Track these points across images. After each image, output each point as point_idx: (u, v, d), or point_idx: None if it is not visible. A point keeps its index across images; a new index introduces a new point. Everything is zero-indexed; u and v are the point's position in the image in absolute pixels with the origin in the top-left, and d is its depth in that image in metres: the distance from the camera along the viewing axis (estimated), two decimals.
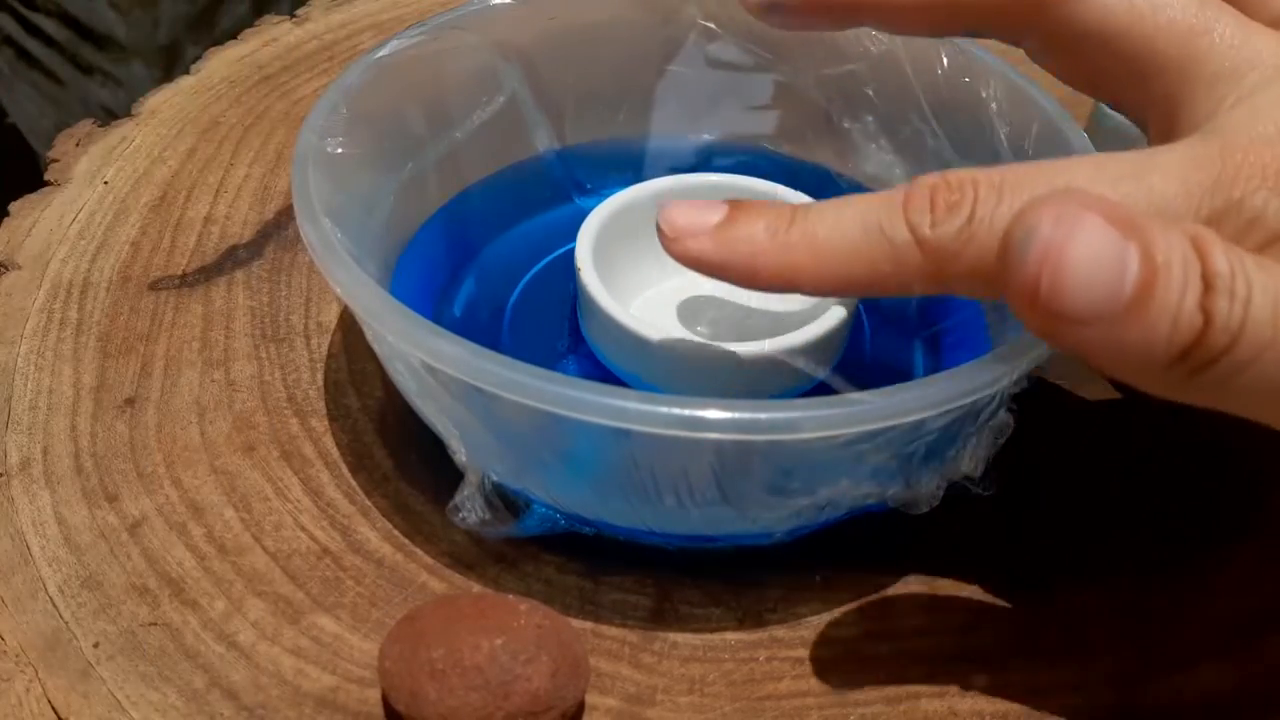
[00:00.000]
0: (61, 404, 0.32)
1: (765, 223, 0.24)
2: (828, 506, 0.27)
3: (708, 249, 0.24)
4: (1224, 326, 0.19)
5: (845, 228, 0.23)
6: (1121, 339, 0.19)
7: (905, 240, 0.22)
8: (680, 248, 0.24)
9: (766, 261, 0.23)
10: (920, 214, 0.22)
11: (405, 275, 0.33)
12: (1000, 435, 0.28)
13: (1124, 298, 0.19)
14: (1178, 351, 0.19)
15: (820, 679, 0.27)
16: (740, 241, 0.24)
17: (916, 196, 0.22)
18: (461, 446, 0.27)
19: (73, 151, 0.41)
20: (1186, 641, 0.28)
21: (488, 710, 0.23)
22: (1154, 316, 0.19)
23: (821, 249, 0.23)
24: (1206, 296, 0.19)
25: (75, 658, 0.27)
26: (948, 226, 0.22)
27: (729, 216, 0.24)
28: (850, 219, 0.23)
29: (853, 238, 0.23)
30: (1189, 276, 0.19)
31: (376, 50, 0.33)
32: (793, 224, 0.23)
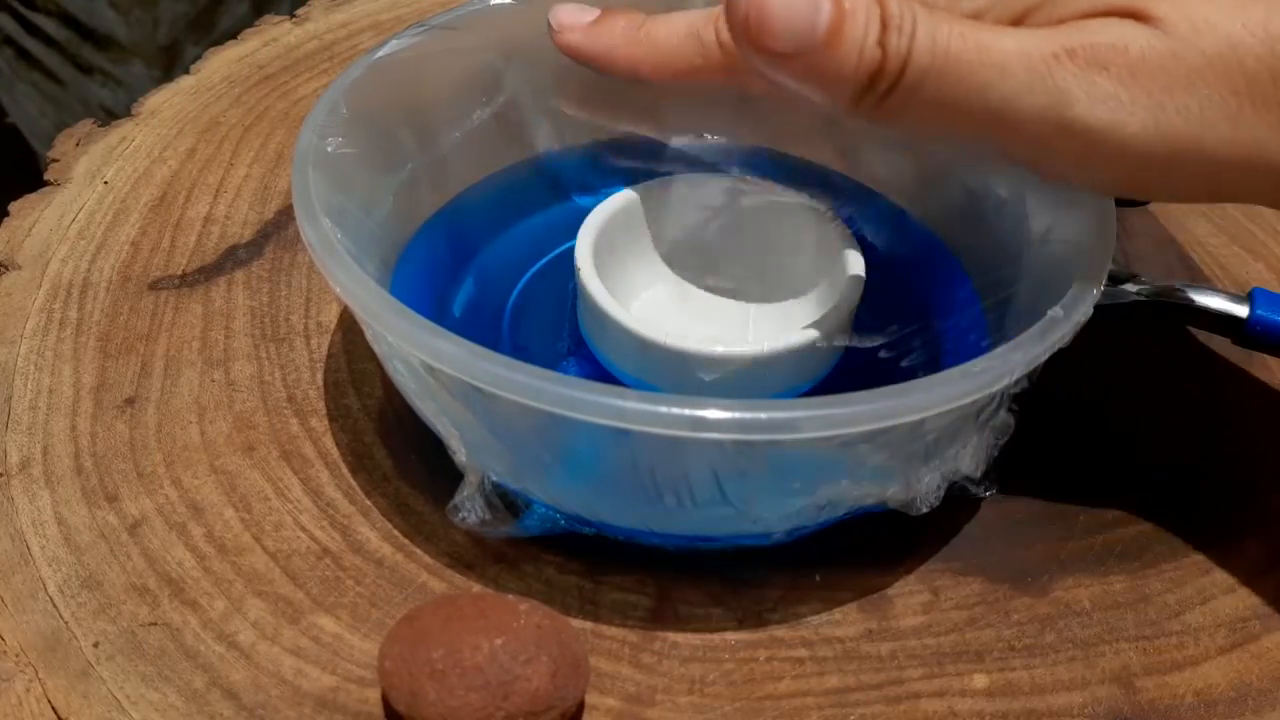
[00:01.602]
0: (61, 404, 0.32)
1: (625, 23, 0.31)
2: (828, 506, 0.27)
3: (580, 40, 0.31)
4: (895, 55, 0.23)
5: (676, 30, 0.30)
6: (820, 69, 0.24)
7: (711, 41, 0.29)
8: (561, 39, 0.31)
9: (620, 53, 0.30)
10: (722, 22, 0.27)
11: (405, 275, 0.33)
12: (1000, 435, 0.28)
13: (819, 34, 0.23)
14: (865, 80, 0.24)
15: (820, 679, 0.27)
16: (603, 35, 0.31)
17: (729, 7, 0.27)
18: (461, 446, 0.27)
19: (73, 151, 0.41)
20: (1186, 641, 0.28)
21: (488, 710, 0.23)
22: (844, 51, 0.23)
23: (658, 44, 0.30)
24: (883, 34, 0.23)
25: (75, 658, 0.27)
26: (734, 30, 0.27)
27: (600, 17, 0.31)
28: (680, 24, 0.30)
29: (679, 38, 0.30)
30: (870, 19, 0.23)
31: (376, 50, 0.33)
32: (643, 25, 0.30)
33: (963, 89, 0.24)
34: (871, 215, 0.37)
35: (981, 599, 0.29)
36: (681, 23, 0.30)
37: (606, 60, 0.31)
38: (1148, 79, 0.24)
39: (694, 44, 0.30)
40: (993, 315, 0.32)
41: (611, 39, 0.31)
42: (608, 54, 0.31)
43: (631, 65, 0.31)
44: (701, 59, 0.30)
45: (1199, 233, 0.40)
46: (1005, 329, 0.31)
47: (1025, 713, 0.27)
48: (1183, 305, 0.37)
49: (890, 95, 0.24)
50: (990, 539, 0.30)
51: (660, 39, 0.30)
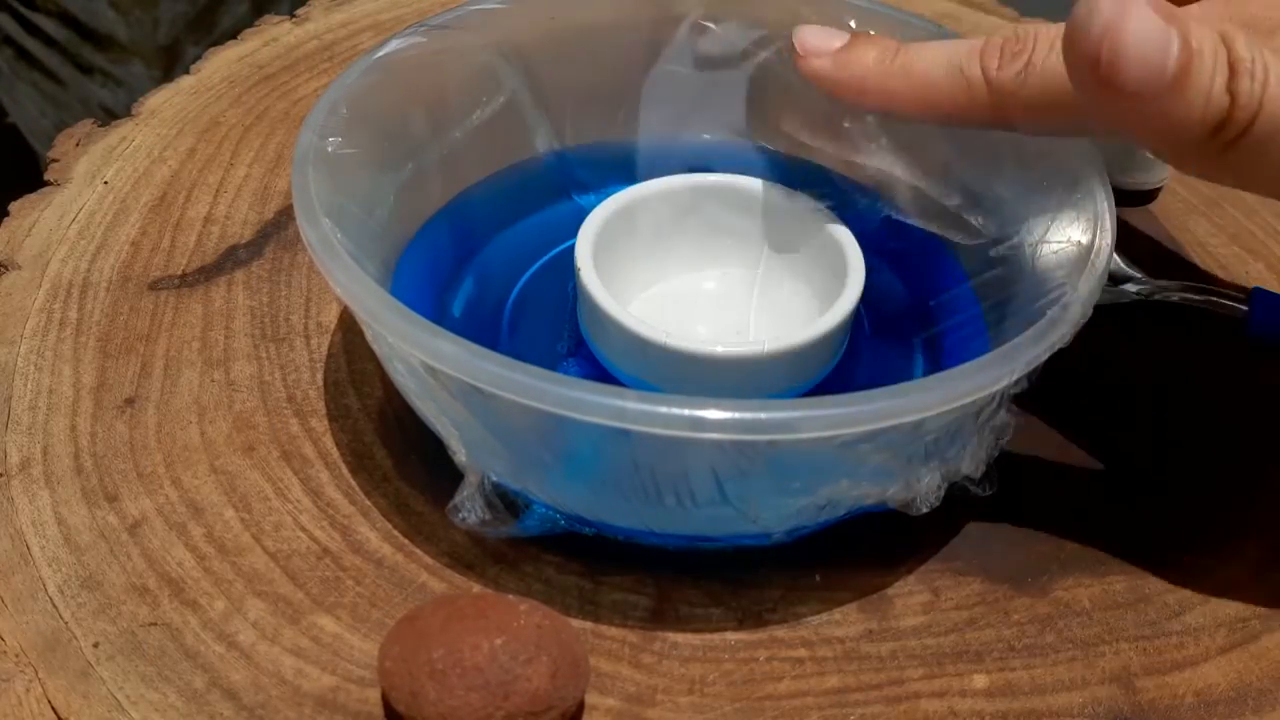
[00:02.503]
0: (61, 404, 0.32)
1: (877, 52, 0.29)
2: (828, 506, 0.27)
3: (827, 68, 0.29)
4: (1246, 104, 0.22)
5: (935, 63, 0.28)
6: (1165, 113, 0.22)
7: (976, 78, 0.27)
8: (806, 65, 0.30)
9: (870, 84, 0.29)
10: (990, 58, 0.27)
11: (405, 275, 0.33)
12: (1000, 435, 0.28)
13: (1168, 74, 0.21)
14: (1210, 127, 0.22)
15: (820, 679, 0.27)
16: (854, 64, 0.29)
17: (991, 44, 0.27)
18: (461, 446, 0.27)
19: (73, 151, 0.41)
20: (1186, 641, 0.28)
21: (488, 710, 0.23)
22: (1191, 94, 0.22)
23: (915, 78, 0.28)
24: (1232, 79, 0.22)
25: (75, 658, 0.27)
26: (1010, 69, 0.27)
27: (850, 43, 0.29)
28: (940, 57, 0.28)
29: (938, 73, 0.28)
30: (1218, 61, 0.22)
31: (376, 50, 0.33)
32: (897, 56, 0.29)
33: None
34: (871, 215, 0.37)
35: (981, 599, 0.29)
36: (941, 55, 0.28)
37: (855, 92, 0.29)
38: None
39: (957, 81, 0.28)
40: (993, 315, 0.32)
41: (863, 69, 0.29)
42: (857, 85, 0.29)
43: (884, 99, 0.29)
44: (966, 97, 0.27)
45: (1199, 233, 0.40)
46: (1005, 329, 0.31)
47: (1025, 713, 0.27)
48: (1183, 305, 0.37)
49: (1234, 147, 0.22)
50: (990, 539, 0.30)
51: (918, 72, 0.28)
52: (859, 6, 0.36)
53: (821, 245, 0.33)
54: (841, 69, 0.29)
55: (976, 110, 0.28)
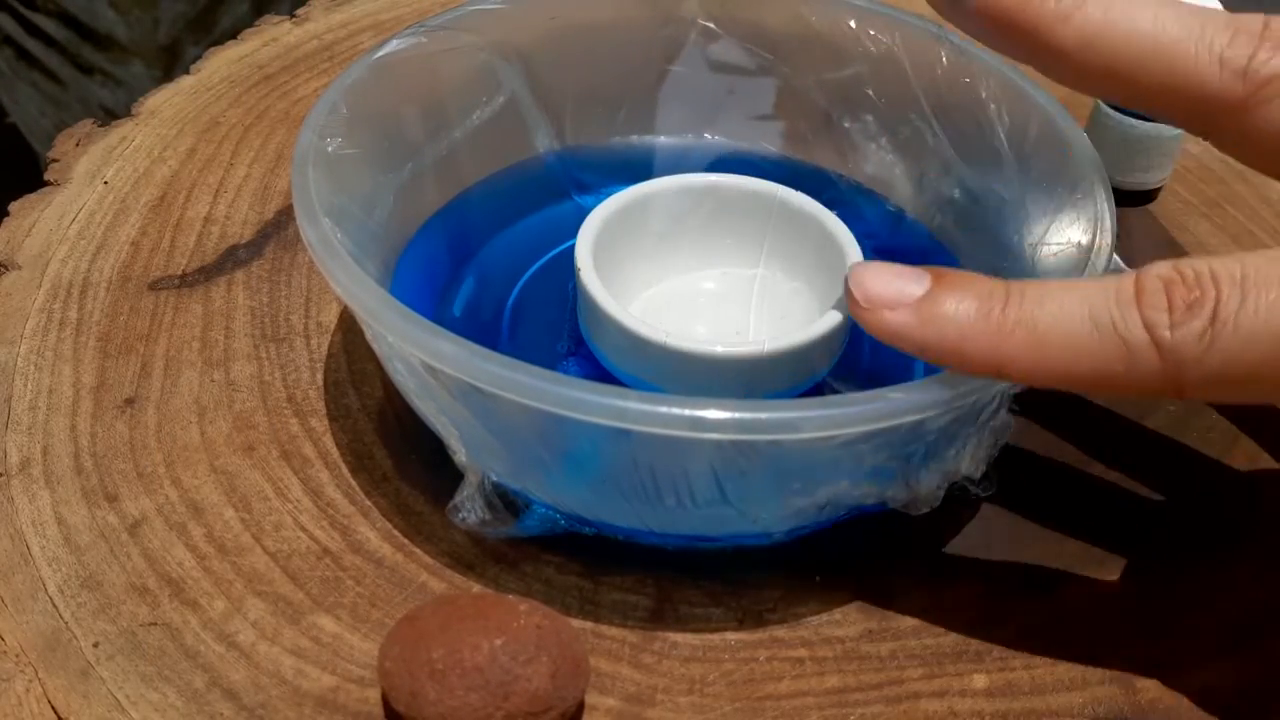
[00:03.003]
0: (61, 404, 0.32)
1: (977, 302, 0.22)
2: (828, 506, 0.27)
3: (910, 325, 0.22)
4: None
5: (1070, 318, 0.21)
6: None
7: (1141, 341, 0.21)
8: (876, 319, 0.22)
9: (977, 347, 0.22)
10: (1157, 312, 0.21)
11: (405, 275, 0.33)
12: (1000, 435, 0.28)
13: None
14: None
15: (820, 679, 0.27)
16: (948, 321, 0.22)
17: (1150, 291, 0.21)
18: (461, 446, 0.27)
19: (73, 151, 0.41)
20: (1186, 641, 0.28)
21: (488, 710, 0.23)
22: None
23: (1043, 339, 0.21)
24: None
25: (75, 658, 0.27)
26: (1188, 329, 0.20)
27: (934, 290, 0.22)
28: (1075, 309, 0.21)
29: (1079, 331, 0.21)
30: None
31: (376, 50, 0.33)
32: (1008, 306, 0.22)
33: None
34: (871, 215, 0.37)
35: (981, 599, 0.29)
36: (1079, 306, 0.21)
37: (954, 356, 0.22)
38: None
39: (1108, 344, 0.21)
40: None
41: (960, 327, 0.22)
42: (955, 348, 0.22)
43: (996, 363, 0.22)
44: (1124, 366, 0.21)
45: (1199, 233, 0.40)
46: None
47: (1025, 713, 0.27)
48: None
49: None
50: (990, 539, 0.30)
51: (1045, 331, 0.21)
52: (859, 6, 0.36)
53: (821, 245, 0.33)
54: (930, 327, 0.22)
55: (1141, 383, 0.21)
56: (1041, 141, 0.31)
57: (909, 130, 0.36)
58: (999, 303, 0.22)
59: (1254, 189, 0.42)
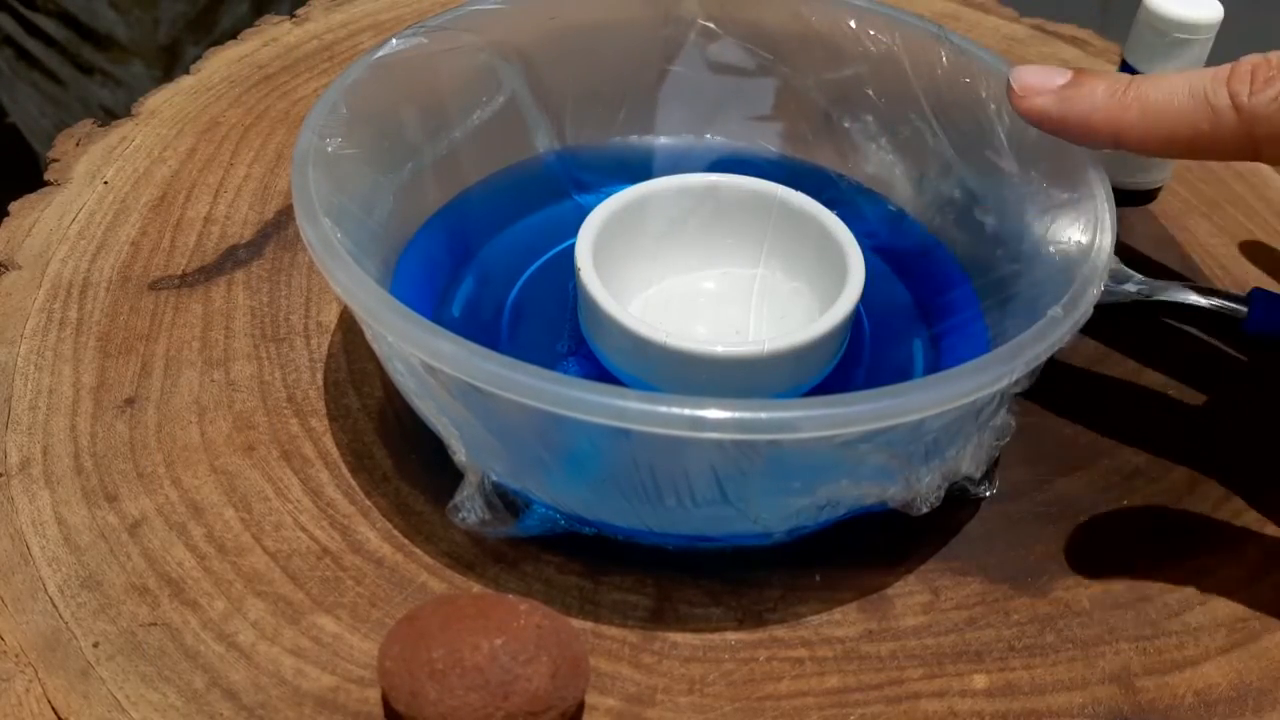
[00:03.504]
0: (61, 404, 0.32)
1: (1105, 85, 0.27)
2: (828, 506, 0.27)
3: (1050, 105, 0.28)
4: None
5: (1174, 92, 0.26)
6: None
7: (1225, 105, 0.26)
8: (1027, 104, 0.28)
9: (1101, 117, 0.27)
10: (1241, 83, 0.26)
11: (405, 275, 0.33)
12: (1000, 435, 0.28)
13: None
14: None
15: (820, 679, 0.27)
16: (1081, 99, 0.28)
17: (1240, 70, 0.26)
18: (461, 446, 0.27)
19: (73, 151, 0.41)
20: (1186, 641, 0.28)
21: (488, 710, 0.23)
22: None
23: (1151, 108, 0.27)
24: None
25: (75, 658, 0.27)
26: (1263, 95, 0.25)
27: (1074, 79, 0.28)
28: (1179, 85, 0.26)
29: (1180, 101, 0.26)
30: None
31: (376, 50, 0.33)
32: (1130, 87, 0.27)
33: None
34: (871, 215, 0.37)
35: (981, 599, 0.29)
36: (1181, 82, 0.27)
37: (1082, 127, 0.28)
38: None
39: (1200, 108, 0.26)
40: (993, 315, 0.32)
41: (1091, 102, 0.28)
42: (1084, 119, 0.28)
43: (1115, 130, 0.27)
44: (1211, 125, 0.26)
45: (1199, 233, 0.40)
46: (1005, 329, 0.31)
47: (1025, 713, 0.27)
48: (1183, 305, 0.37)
49: None
50: (990, 539, 0.30)
51: (1154, 102, 0.27)
52: (859, 6, 0.36)
53: (821, 245, 0.33)
54: (1067, 104, 0.28)
55: (1222, 140, 0.26)
56: (1041, 141, 0.31)
57: (909, 130, 0.36)
58: (1122, 85, 0.27)
59: (1253, 189, 0.42)
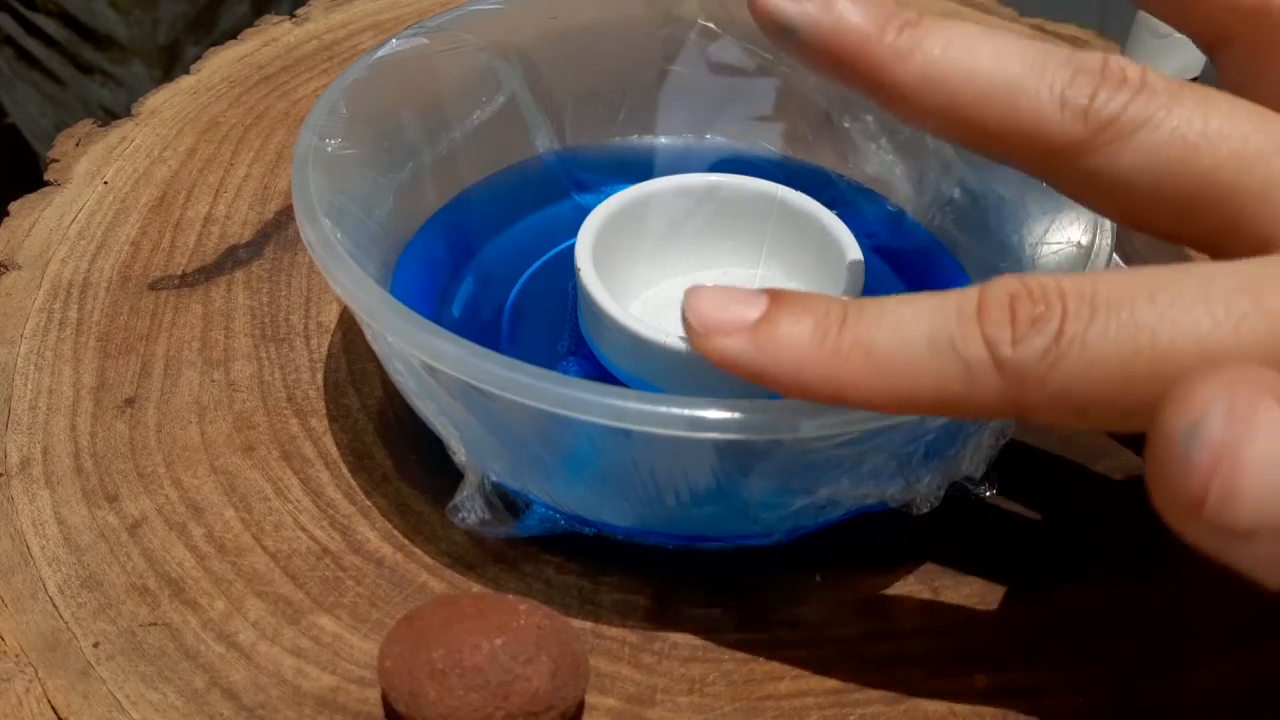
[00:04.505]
0: (61, 404, 0.32)
1: (813, 323, 0.20)
2: (828, 506, 0.27)
3: (745, 351, 0.21)
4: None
5: (908, 338, 0.20)
6: None
7: (981, 359, 0.19)
8: (712, 345, 0.21)
9: (814, 373, 0.20)
10: (999, 328, 0.19)
11: (405, 275, 0.33)
12: (1000, 435, 0.28)
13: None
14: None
15: (820, 679, 0.27)
16: (784, 345, 0.21)
17: (993, 307, 0.20)
18: (461, 446, 0.27)
19: (73, 151, 0.41)
20: (1186, 641, 0.28)
21: (488, 710, 0.23)
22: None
23: (881, 362, 0.20)
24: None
25: (75, 658, 0.27)
26: (1031, 346, 0.19)
27: (770, 313, 0.21)
28: (914, 328, 0.20)
29: (917, 351, 0.20)
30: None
31: (376, 50, 0.33)
32: (845, 326, 0.20)
33: None
34: (871, 215, 0.37)
35: (981, 599, 0.29)
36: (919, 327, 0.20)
37: (791, 383, 0.21)
38: None
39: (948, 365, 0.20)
40: None
41: (797, 352, 0.20)
42: (792, 375, 0.21)
43: (835, 389, 0.20)
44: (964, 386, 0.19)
45: None
46: None
47: (1025, 712, 0.27)
48: None
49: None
50: (990, 539, 0.30)
51: (884, 353, 0.20)
52: None
53: (821, 245, 0.33)
54: (766, 351, 0.21)
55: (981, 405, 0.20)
56: None
57: (909, 130, 0.36)
58: (835, 324, 0.20)
59: None
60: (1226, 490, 0.15)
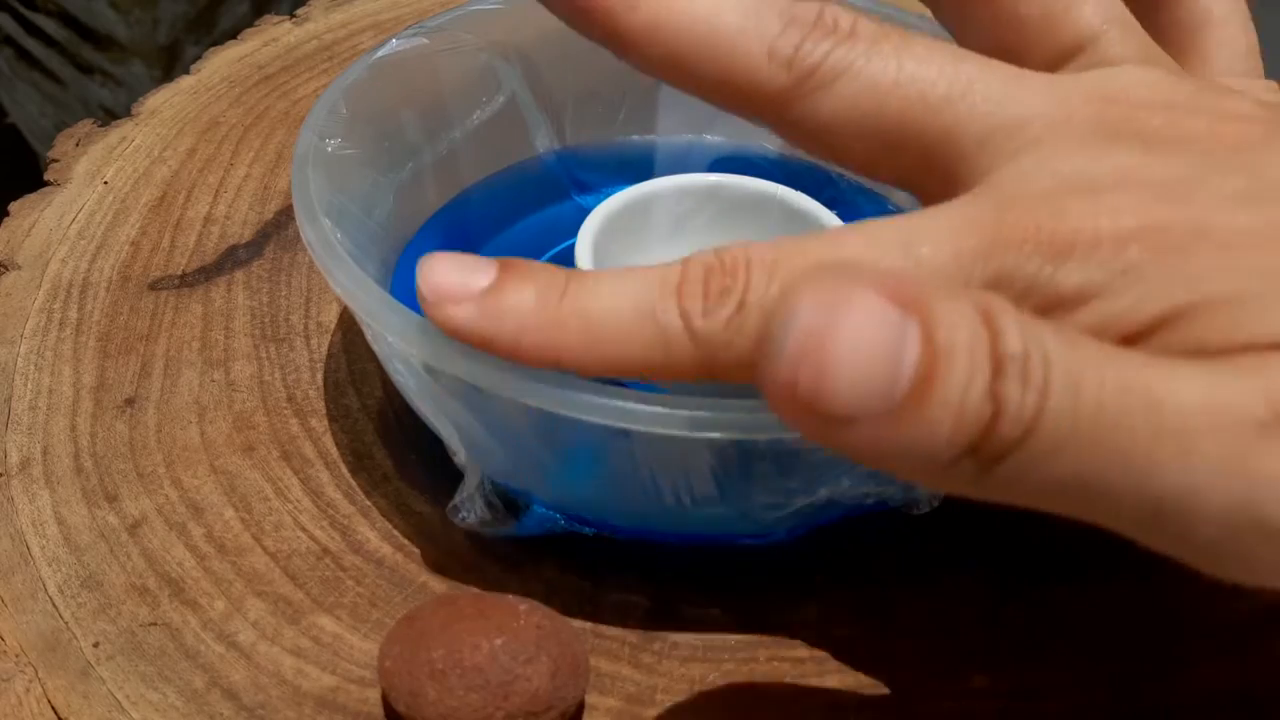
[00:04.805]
0: (61, 404, 0.32)
1: (536, 292, 0.21)
2: (827, 506, 0.27)
3: (472, 318, 0.21)
4: (1016, 417, 0.16)
5: (619, 307, 0.21)
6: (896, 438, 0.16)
7: (676, 328, 0.20)
8: (441, 313, 0.21)
9: (534, 340, 0.21)
10: (693, 300, 0.20)
11: (405, 275, 0.33)
12: None
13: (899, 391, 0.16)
14: (961, 448, 0.16)
15: (820, 679, 0.27)
16: (507, 313, 0.21)
17: (691, 280, 0.20)
18: (461, 446, 0.27)
19: (73, 151, 0.41)
20: (1186, 641, 0.28)
21: (488, 710, 0.23)
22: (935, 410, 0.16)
23: (594, 329, 0.21)
24: (996, 380, 0.16)
25: (75, 658, 0.27)
26: (718, 315, 0.20)
27: (497, 282, 0.21)
28: (626, 297, 0.21)
29: (626, 320, 0.20)
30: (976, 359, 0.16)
31: (376, 50, 0.33)
32: (565, 295, 0.21)
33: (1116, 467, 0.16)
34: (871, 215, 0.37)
35: (981, 599, 0.29)
36: (628, 293, 0.21)
37: (511, 350, 0.21)
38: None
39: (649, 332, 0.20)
40: None
41: (519, 319, 0.21)
42: (512, 341, 0.21)
43: (554, 355, 0.21)
44: (662, 355, 0.20)
45: None
46: None
47: (1025, 713, 0.27)
48: None
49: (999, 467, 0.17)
50: (990, 539, 0.30)
51: (597, 319, 0.21)
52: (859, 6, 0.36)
53: None
54: (491, 319, 0.21)
55: (680, 372, 0.20)
56: None
57: None
58: (556, 293, 0.21)
59: None
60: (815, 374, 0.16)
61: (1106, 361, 0.17)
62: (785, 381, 0.16)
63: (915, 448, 0.16)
